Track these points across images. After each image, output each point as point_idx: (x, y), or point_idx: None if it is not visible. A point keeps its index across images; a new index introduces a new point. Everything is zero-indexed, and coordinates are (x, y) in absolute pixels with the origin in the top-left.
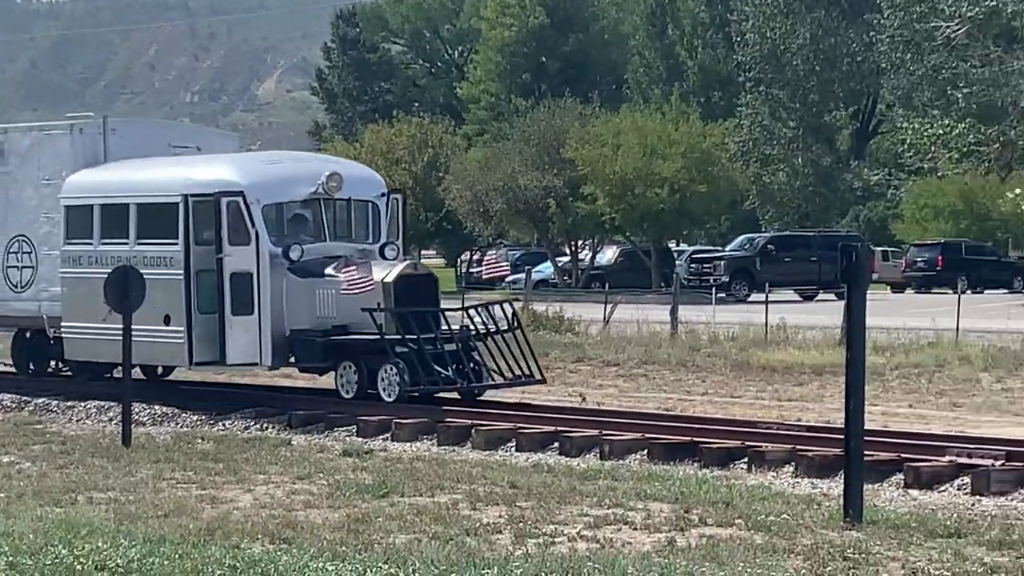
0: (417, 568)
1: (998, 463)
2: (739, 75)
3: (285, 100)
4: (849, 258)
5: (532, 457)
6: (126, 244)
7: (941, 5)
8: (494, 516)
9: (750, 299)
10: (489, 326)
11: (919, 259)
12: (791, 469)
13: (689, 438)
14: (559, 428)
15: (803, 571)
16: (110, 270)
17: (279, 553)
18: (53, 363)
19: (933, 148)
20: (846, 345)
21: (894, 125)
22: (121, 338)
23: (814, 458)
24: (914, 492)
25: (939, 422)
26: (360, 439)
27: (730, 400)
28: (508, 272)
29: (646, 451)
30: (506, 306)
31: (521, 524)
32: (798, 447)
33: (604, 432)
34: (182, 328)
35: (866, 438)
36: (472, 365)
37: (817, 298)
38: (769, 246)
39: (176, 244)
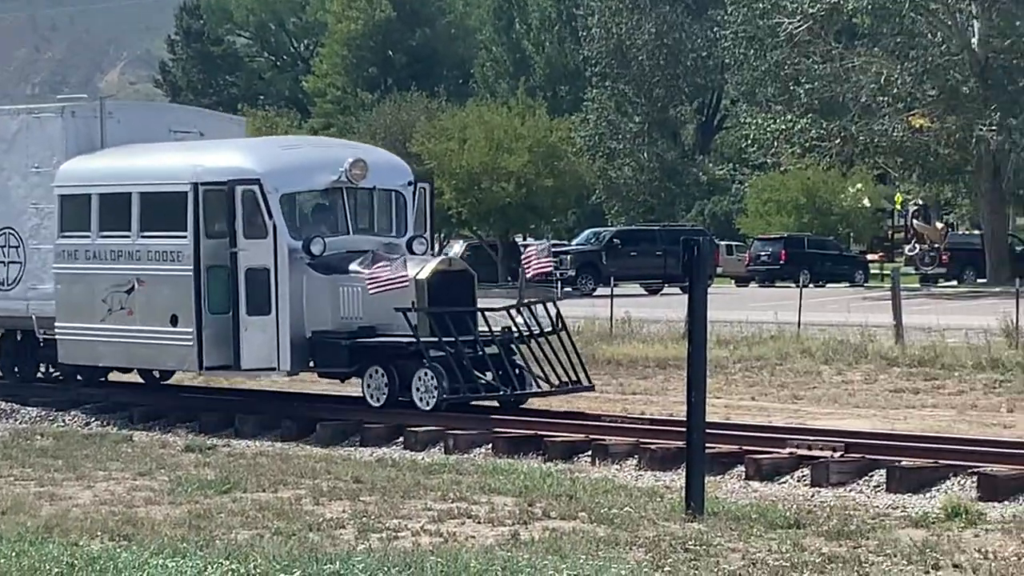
0: (259, 564)
1: (837, 455)
2: (585, 70)
3: (129, 93)
4: (691, 252)
5: (376, 452)
6: (128, 237)
7: (783, 2)
8: (337, 511)
9: (596, 293)
10: (532, 327)
11: (762, 253)
12: (634, 462)
13: (533, 432)
14: (403, 423)
15: (645, 563)
16: (111, 265)
17: (119, 550)
18: (43, 367)
19: (776, 143)
20: (688, 338)
21: (738, 120)
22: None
23: (657, 451)
24: (755, 484)
25: (780, 414)
26: (203, 435)
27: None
28: (551, 267)
29: (490, 445)
30: (549, 306)
31: (364, 519)
32: (641, 440)
33: (448, 426)
34: (191, 329)
35: (708, 431)
36: (515, 370)
37: (662, 292)
38: (615, 240)
39: (184, 237)
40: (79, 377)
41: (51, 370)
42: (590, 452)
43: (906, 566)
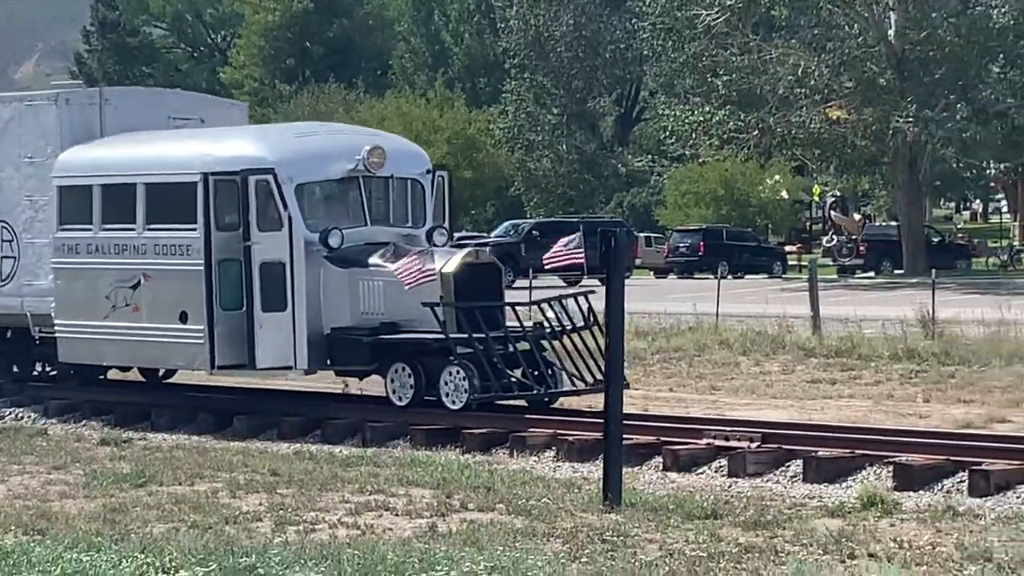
0: (174, 557)
1: (754, 445)
2: (504, 61)
3: (44, 84)
4: (608, 244)
5: (294, 445)
6: (133, 230)
7: None
8: (254, 504)
9: (515, 285)
10: (564, 322)
11: (681, 245)
12: (552, 453)
13: (452, 424)
14: (321, 415)
15: (562, 554)
16: (115, 259)
17: (32, 544)
18: (39, 366)
19: (694, 135)
20: (605, 330)
21: (656, 112)
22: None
23: (575, 442)
24: (673, 475)
25: (698, 405)
26: (119, 428)
27: None
28: (581, 260)
29: (408, 437)
30: (581, 300)
31: (281, 512)
32: (559, 431)
33: (366, 419)
34: (202, 327)
35: (626, 422)
36: (547, 368)
37: (581, 283)
38: (534, 232)
39: (194, 230)
40: (79, 378)
41: (47, 369)
42: (508, 444)
43: (822, 556)
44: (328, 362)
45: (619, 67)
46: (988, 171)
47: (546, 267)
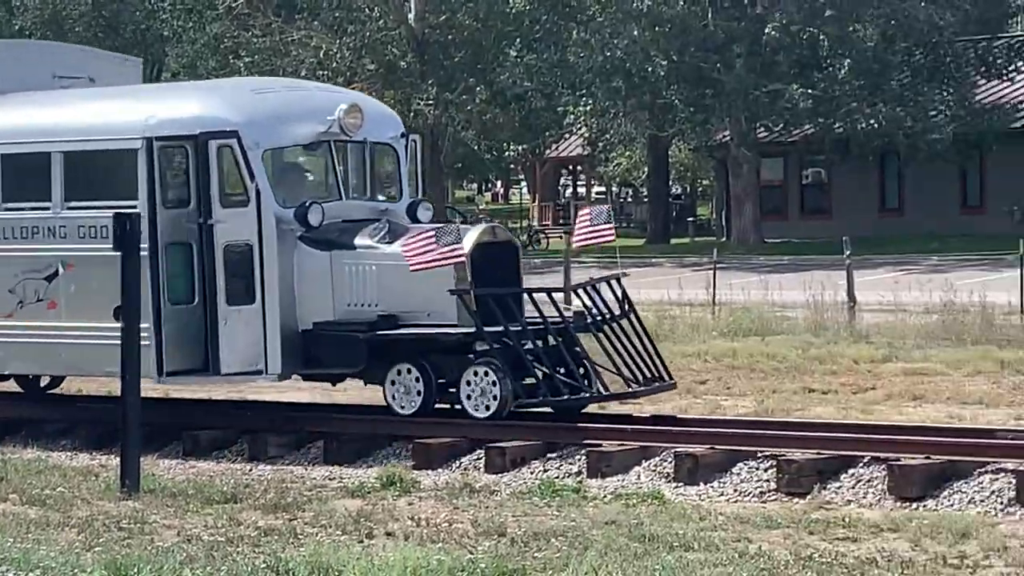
0: None
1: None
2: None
3: None
4: (123, 227)
5: None
6: (47, 209)
7: None
8: None
9: None
10: (603, 311)
11: None
12: (69, 441)
13: None
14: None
15: (77, 544)
16: (23, 245)
17: None
18: None
19: None
20: (121, 315)
21: None
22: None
23: (93, 429)
24: (193, 460)
25: (222, 389)
26: None
27: None
28: (612, 237)
29: None
30: (614, 284)
31: None
32: (77, 418)
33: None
34: (146, 325)
35: (146, 407)
36: (584, 365)
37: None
38: None
39: (134, 207)
40: None
41: None
42: (23, 431)
43: (341, 536)
44: (306, 364)
45: (140, 48)
46: (508, 153)
47: (575, 245)
